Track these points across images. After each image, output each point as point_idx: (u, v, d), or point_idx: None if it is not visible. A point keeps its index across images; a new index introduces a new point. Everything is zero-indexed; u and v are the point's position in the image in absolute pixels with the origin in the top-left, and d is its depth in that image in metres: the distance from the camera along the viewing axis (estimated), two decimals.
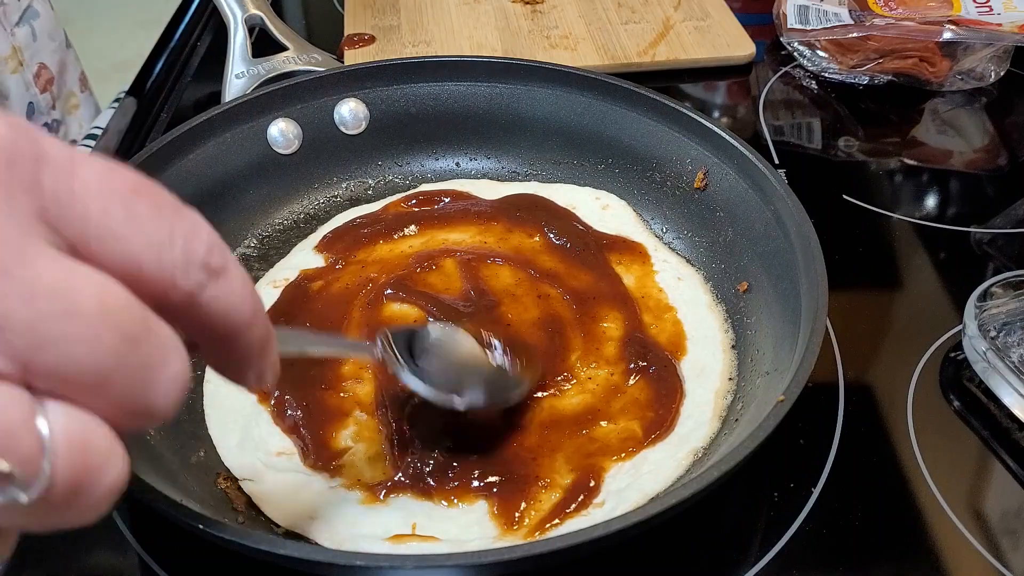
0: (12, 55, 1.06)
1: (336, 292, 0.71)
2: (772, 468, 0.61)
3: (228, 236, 0.75)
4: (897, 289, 0.77)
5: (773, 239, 0.65)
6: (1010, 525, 0.59)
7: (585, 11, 1.08)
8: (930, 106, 0.97)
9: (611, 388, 0.63)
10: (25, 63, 1.08)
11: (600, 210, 0.78)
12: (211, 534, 0.46)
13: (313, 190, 0.80)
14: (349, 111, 0.80)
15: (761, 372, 0.61)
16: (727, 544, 0.58)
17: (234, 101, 0.76)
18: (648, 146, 0.76)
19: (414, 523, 0.56)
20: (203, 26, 1.11)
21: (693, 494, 0.47)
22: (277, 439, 0.61)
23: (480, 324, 0.67)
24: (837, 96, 0.98)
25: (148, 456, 0.57)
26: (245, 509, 0.58)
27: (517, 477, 0.58)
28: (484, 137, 0.82)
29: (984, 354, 0.64)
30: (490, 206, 0.78)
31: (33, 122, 1.06)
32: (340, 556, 0.49)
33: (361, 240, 0.76)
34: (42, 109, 1.12)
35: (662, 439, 0.60)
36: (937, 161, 0.91)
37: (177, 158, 0.72)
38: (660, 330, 0.68)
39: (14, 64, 1.06)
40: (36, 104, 1.11)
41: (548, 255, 0.74)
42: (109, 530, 0.59)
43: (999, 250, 0.80)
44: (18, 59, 1.06)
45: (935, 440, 0.63)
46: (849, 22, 0.96)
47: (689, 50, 1.02)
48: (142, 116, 0.96)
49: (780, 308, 0.63)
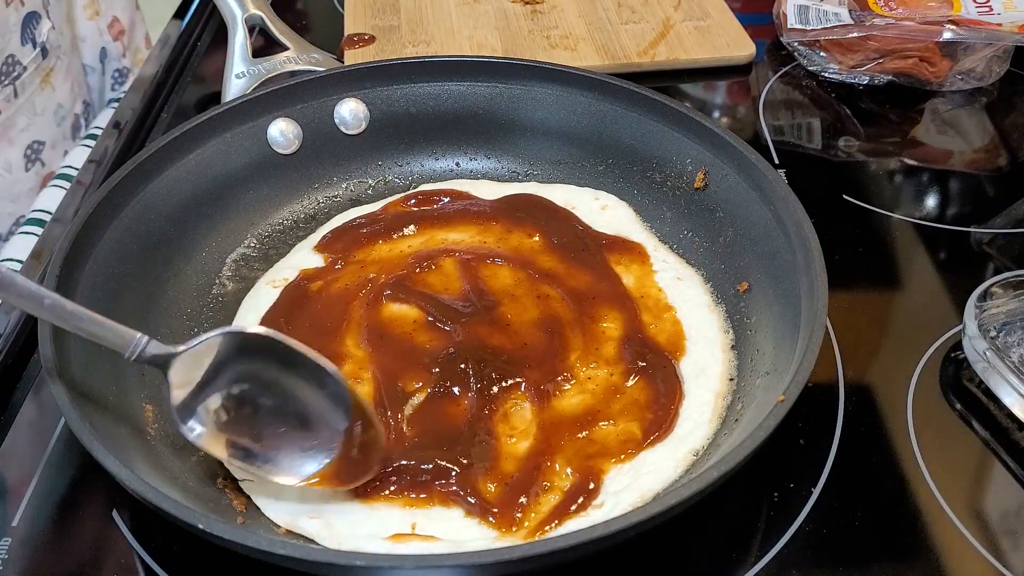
0: (90, 3, 1.17)
1: (335, 292, 0.71)
2: (772, 468, 0.61)
3: (228, 236, 0.75)
4: (897, 289, 0.77)
5: (773, 239, 0.65)
6: (1010, 525, 0.59)
7: (585, 11, 1.08)
8: (930, 106, 0.97)
9: (610, 388, 0.63)
10: (101, 12, 1.20)
11: (599, 210, 0.78)
12: (211, 534, 0.46)
13: (313, 190, 0.80)
14: (349, 111, 0.80)
15: (761, 372, 0.61)
16: (727, 544, 0.58)
17: (234, 101, 0.76)
18: (648, 146, 0.76)
19: (414, 523, 0.56)
20: (203, 26, 1.11)
21: (693, 494, 0.47)
22: None
23: (479, 324, 0.67)
24: (837, 96, 0.98)
25: (148, 456, 0.57)
26: (245, 509, 0.58)
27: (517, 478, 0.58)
28: (484, 137, 0.82)
29: (984, 354, 0.64)
30: (490, 206, 0.78)
31: (105, 66, 1.19)
32: (340, 556, 0.49)
33: (361, 240, 0.76)
34: (114, 55, 1.22)
35: (661, 440, 0.60)
36: (937, 161, 0.91)
37: (177, 158, 0.72)
38: (659, 330, 0.68)
39: (91, 12, 1.18)
40: (108, 50, 1.21)
41: (547, 255, 0.74)
42: (109, 530, 0.59)
43: (999, 250, 0.80)
44: (95, 8, 1.18)
45: (935, 440, 0.63)
46: (849, 22, 0.96)
47: (689, 50, 1.02)
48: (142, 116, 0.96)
49: (780, 308, 0.63)
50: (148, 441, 0.59)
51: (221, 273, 0.73)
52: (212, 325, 0.70)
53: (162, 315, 0.68)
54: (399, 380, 0.64)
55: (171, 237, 0.71)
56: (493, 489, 0.57)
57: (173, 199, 0.71)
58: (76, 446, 0.64)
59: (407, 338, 0.67)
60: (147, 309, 0.67)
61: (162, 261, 0.70)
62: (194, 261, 0.72)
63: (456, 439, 0.60)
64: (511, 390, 0.63)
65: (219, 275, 0.73)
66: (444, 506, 0.57)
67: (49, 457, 0.63)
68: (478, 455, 0.59)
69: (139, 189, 0.69)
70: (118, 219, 0.66)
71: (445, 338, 0.66)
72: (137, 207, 0.68)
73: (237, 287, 0.73)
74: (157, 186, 0.70)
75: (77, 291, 0.61)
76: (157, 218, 0.70)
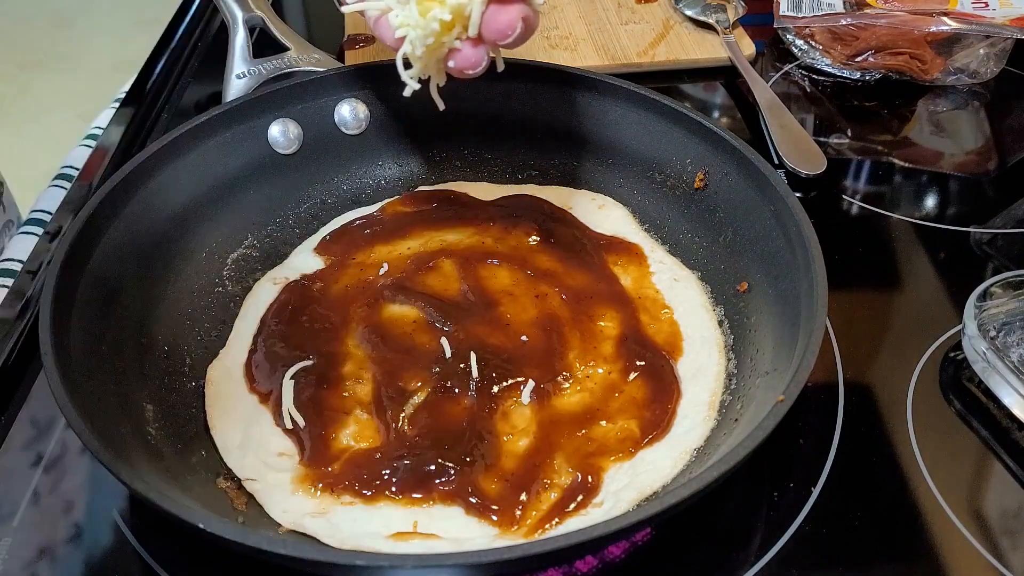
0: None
1: (335, 293, 0.71)
2: (772, 468, 0.61)
3: (228, 236, 0.75)
4: (897, 289, 0.77)
5: (773, 239, 0.65)
6: (1010, 525, 0.59)
7: (585, 11, 1.08)
8: (931, 106, 0.97)
9: (609, 386, 0.63)
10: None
11: (596, 210, 0.78)
12: (212, 534, 0.46)
13: (313, 190, 0.80)
14: (349, 111, 0.80)
15: (761, 372, 0.61)
16: (727, 544, 0.58)
17: (235, 101, 0.76)
18: (648, 146, 0.76)
19: (415, 521, 0.56)
20: (203, 26, 1.11)
21: (693, 494, 0.47)
22: (278, 439, 0.62)
23: (478, 324, 0.67)
24: (837, 96, 0.98)
25: (149, 456, 0.57)
26: (246, 509, 0.58)
27: (518, 476, 0.58)
28: (483, 137, 0.82)
29: (984, 354, 0.64)
30: (488, 207, 0.78)
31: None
32: (340, 556, 0.49)
33: (360, 241, 0.76)
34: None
35: (659, 439, 0.60)
36: (936, 162, 0.91)
37: (177, 158, 0.72)
38: (657, 330, 0.68)
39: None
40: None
41: (545, 255, 0.74)
42: (109, 530, 0.59)
43: (999, 250, 0.80)
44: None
45: (935, 440, 0.63)
46: (841, 10, 0.96)
47: (689, 50, 1.02)
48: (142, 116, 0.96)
49: (780, 308, 0.63)
50: (148, 441, 0.59)
51: (222, 273, 0.73)
52: (213, 325, 0.70)
53: (163, 315, 0.68)
54: (399, 380, 0.64)
55: (171, 237, 0.71)
56: (494, 487, 0.57)
57: (173, 199, 0.71)
58: (76, 446, 0.64)
59: (407, 338, 0.67)
60: (148, 309, 0.67)
61: (162, 261, 0.70)
62: (195, 261, 0.72)
63: (457, 438, 0.60)
64: (511, 389, 0.63)
65: (220, 275, 0.73)
66: (445, 504, 0.57)
67: (49, 457, 0.63)
68: (479, 454, 0.59)
69: (139, 189, 0.69)
70: (118, 219, 0.66)
71: (445, 338, 0.66)
72: (137, 207, 0.68)
73: (238, 287, 0.73)
74: (157, 186, 0.70)
75: (77, 291, 0.61)
76: (157, 218, 0.70)
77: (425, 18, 0.58)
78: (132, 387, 0.61)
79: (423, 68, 0.62)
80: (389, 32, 0.60)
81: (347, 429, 0.61)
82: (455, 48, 0.60)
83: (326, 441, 0.61)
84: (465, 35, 0.59)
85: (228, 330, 0.70)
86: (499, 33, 0.59)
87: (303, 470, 0.59)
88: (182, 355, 0.67)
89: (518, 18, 0.58)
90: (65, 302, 0.59)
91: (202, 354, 0.68)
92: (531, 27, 0.59)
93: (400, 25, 0.59)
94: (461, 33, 0.59)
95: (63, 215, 0.83)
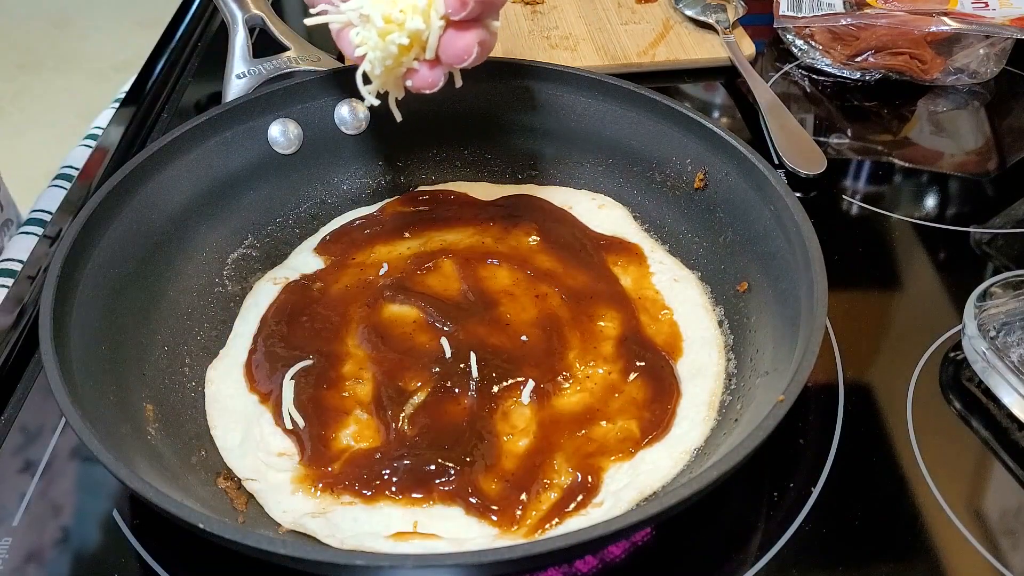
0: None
1: (335, 293, 0.71)
2: (772, 468, 0.61)
3: (228, 236, 0.75)
4: (897, 289, 0.77)
5: (773, 239, 0.65)
6: (1010, 525, 0.59)
7: (585, 11, 1.08)
8: (931, 106, 0.97)
9: (609, 386, 0.63)
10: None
11: (596, 210, 0.78)
12: (212, 534, 0.46)
13: (313, 190, 0.80)
14: (349, 111, 0.80)
15: (761, 372, 0.61)
16: (727, 544, 0.58)
17: (235, 101, 0.76)
18: (648, 146, 0.76)
19: (415, 521, 0.56)
20: (203, 26, 1.11)
21: (693, 494, 0.47)
22: (278, 439, 0.62)
23: (478, 324, 0.67)
24: (837, 96, 0.98)
25: (149, 456, 0.57)
26: (246, 509, 0.58)
27: (518, 476, 0.58)
28: (483, 137, 0.82)
29: (984, 354, 0.64)
30: (488, 207, 0.78)
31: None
32: (340, 556, 0.49)
33: (360, 242, 0.76)
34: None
35: (659, 439, 0.60)
36: (936, 162, 0.91)
37: (177, 158, 0.72)
38: (657, 331, 0.68)
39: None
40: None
41: (545, 255, 0.74)
42: (109, 530, 0.59)
43: (999, 250, 0.80)
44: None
45: (935, 440, 0.63)
46: (841, 10, 0.96)
47: (689, 50, 1.02)
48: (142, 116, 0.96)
49: (780, 308, 0.63)
50: (148, 441, 0.59)
51: (222, 273, 0.73)
52: (213, 325, 0.70)
53: (163, 315, 0.68)
54: (399, 380, 0.64)
55: (171, 237, 0.71)
56: (494, 487, 0.57)
57: (173, 199, 0.71)
58: (76, 446, 0.64)
59: (407, 338, 0.67)
60: (148, 309, 0.67)
61: (163, 261, 0.70)
62: (195, 261, 0.72)
63: (457, 438, 0.60)
64: (511, 389, 0.63)
65: (220, 275, 0.73)
66: (445, 504, 0.57)
67: (49, 457, 0.63)
68: (479, 454, 0.59)
69: (139, 189, 0.69)
70: (118, 219, 0.66)
71: (445, 338, 0.66)
72: (137, 207, 0.68)
73: (238, 287, 0.73)
74: (157, 186, 0.70)
75: (78, 291, 0.61)
76: (157, 218, 0.70)
77: (384, 41, 0.59)
78: (132, 387, 0.61)
79: (381, 84, 0.63)
80: (350, 47, 0.61)
81: (347, 429, 0.62)
82: (412, 68, 0.61)
83: (326, 441, 0.61)
84: (423, 56, 0.60)
85: (228, 330, 0.70)
86: (456, 57, 0.60)
87: (303, 470, 0.59)
88: (182, 355, 0.67)
89: (475, 43, 0.59)
90: (65, 302, 0.59)
91: (202, 354, 0.68)
92: (487, 49, 0.61)
93: (360, 44, 0.60)
94: (420, 54, 0.60)
95: (63, 215, 0.83)
